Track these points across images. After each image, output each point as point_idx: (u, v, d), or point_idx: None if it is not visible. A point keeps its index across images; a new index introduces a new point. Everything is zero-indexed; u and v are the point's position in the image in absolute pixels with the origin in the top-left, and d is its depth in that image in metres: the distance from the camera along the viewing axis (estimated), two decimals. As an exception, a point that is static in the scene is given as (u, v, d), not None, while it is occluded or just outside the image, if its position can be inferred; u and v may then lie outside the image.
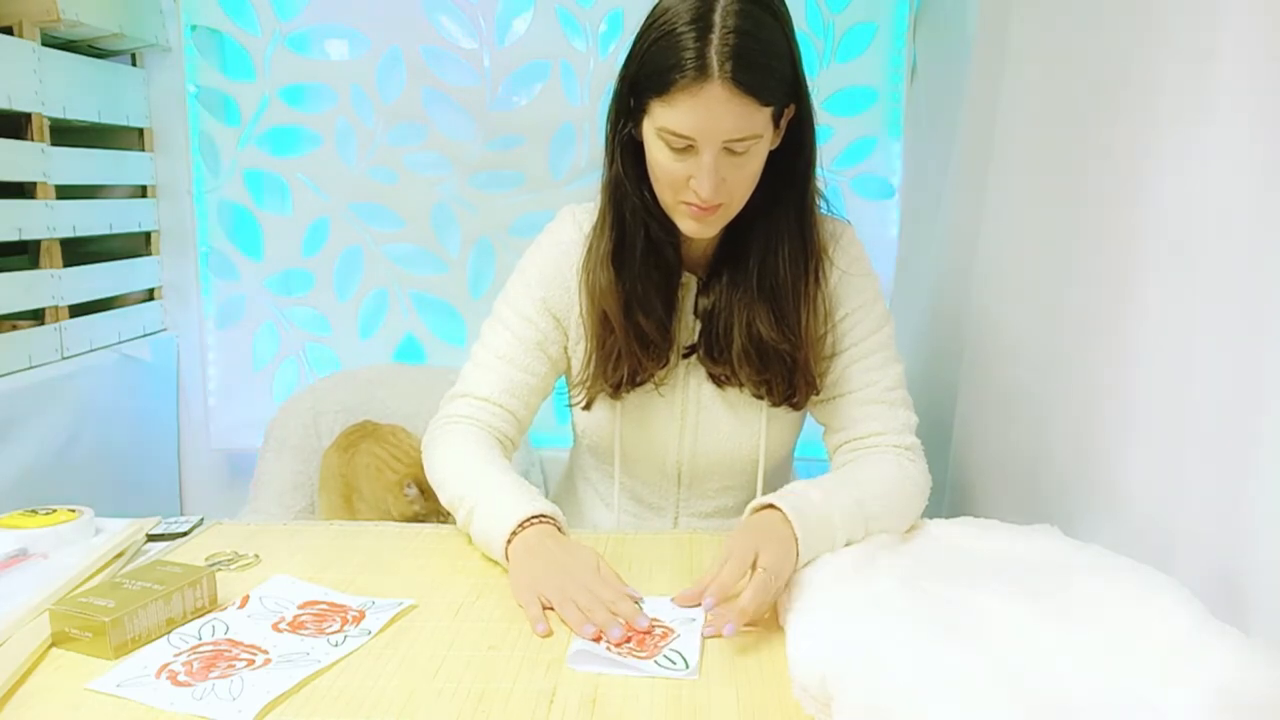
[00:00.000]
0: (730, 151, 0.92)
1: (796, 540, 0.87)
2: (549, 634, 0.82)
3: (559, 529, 0.95)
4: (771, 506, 0.90)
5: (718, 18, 0.88)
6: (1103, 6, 1.00)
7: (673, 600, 0.86)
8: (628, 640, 0.80)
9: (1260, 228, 0.74)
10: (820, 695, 0.68)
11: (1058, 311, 1.08)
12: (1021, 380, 1.17)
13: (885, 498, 0.96)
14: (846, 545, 0.92)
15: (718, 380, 1.08)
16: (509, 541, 0.92)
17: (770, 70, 0.90)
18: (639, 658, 0.77)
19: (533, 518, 0.93)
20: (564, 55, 1.84)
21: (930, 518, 1.02)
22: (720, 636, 0.80)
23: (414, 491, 1.36)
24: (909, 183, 1.84)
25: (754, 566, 0.83)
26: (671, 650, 0.78)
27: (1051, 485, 1.08)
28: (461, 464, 1.03)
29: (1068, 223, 1.06)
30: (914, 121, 1.82)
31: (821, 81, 1.84)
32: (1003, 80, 1.24)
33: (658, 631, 0.82)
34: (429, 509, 1.39)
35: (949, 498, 1.36)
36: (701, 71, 0.87)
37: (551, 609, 0.85)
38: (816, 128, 1.02)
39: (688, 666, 0.76)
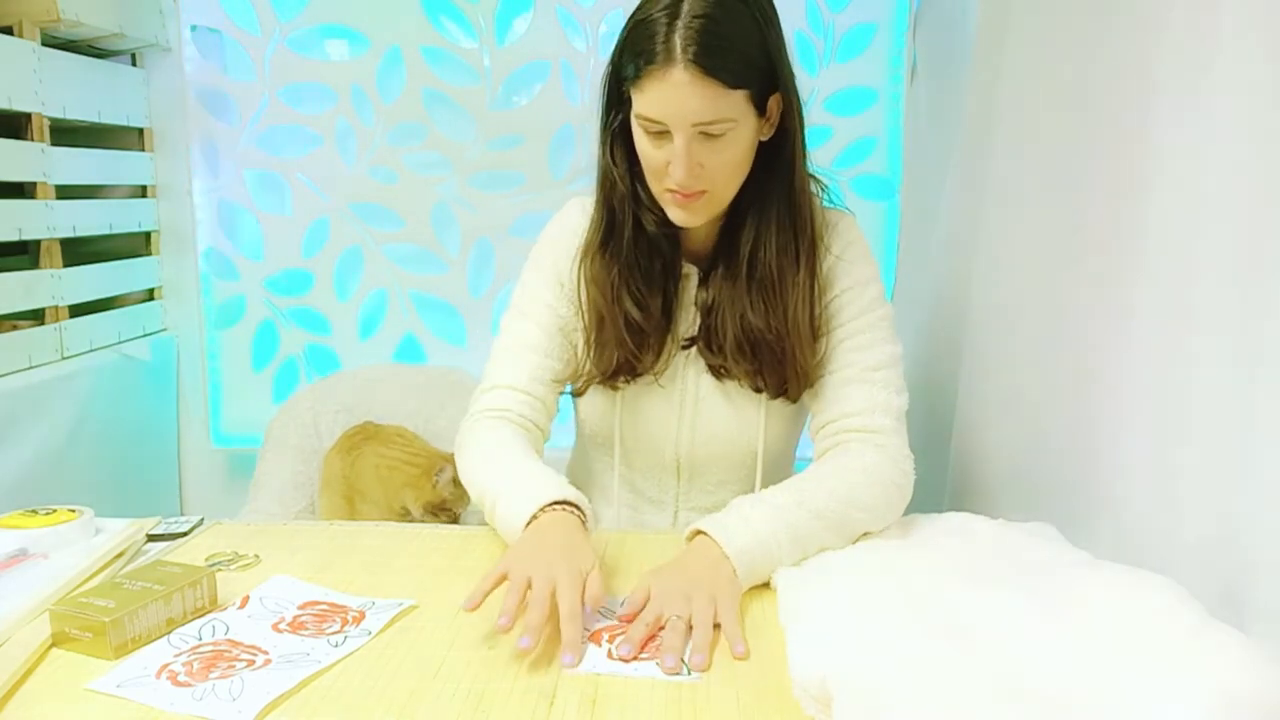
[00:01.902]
0: (705, 136, 0.93)
1: (729, 559, 0.86)
2: (473, 609, 0.79)
3: (581, 521, 0.93)
4: (700, 533, 0.90)
5: (686, 5, 0.91)
6: (1103, 6, 1.00)
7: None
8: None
9: (1260, 227, 0.74)
10: (820, 695, 0.68)
11: (1058, 311, 1.08)
12: (1021, 380, 1.17)
13: (835, 491, 0.94)
14: (804, 555, 0.91)
15: (716, 372, 1.08)
16: (528, 525, 0.91)
17: (735, 54, 0.91)
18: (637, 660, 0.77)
19: (556, 503, 0.92)
20: (564, 55, 1.85)
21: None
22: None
23: (448, 474, 1.34)
24: (909, 183, 1.84)
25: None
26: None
27: (1051, 485, 1.08)
28: (488, 457, 1.02)
29: (1068, 222, 1.06)
30: (914, 121, 1.82)
31: (821, 81, 1.84)
32: (1002, 80, 1.24)
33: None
34: (459, 494, 1.38)
35: (949, 498, 1.36)
36: (665, 57, 0.90)
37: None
38: (809, 125, 1.02)
39: (689, 673, 0.76)
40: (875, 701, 0.64)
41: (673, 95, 0.91)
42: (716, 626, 0.82)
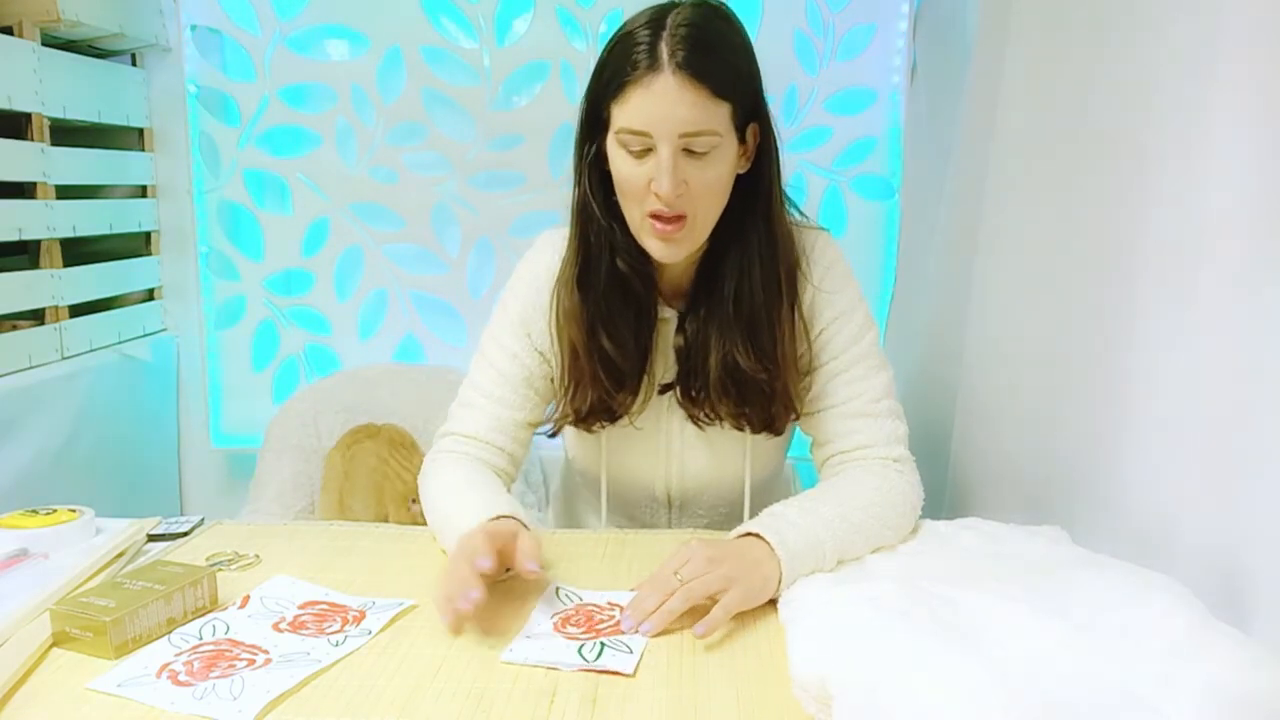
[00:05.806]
0: (689, 152, 0.90)
1: (780, 563, 0.86)
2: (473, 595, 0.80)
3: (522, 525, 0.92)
4: (753, 534, 0.89)
5: (670, 19, 0.89)
6: (1102, 7, 1.00)
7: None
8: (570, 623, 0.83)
9: (1260, 227, 0.74)
10: (820, 695, 0.68)
11: (1058, 311, 1.08)
12: (1022, 381, 1.17)
13: (869, 508, 0.94)
14: (839, 562, 0.90)
15: (696, 420, 1.06)
16: None
17: (722, 62, 0.90)
18: (580, 639, 0.79)
19: (494, 519, 0.91)
20: (564, 55, 1.85)
21: (931, 519, 1.02)
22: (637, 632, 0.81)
23: (418, 508, 1.36)
24: (909, 183, 1.84)
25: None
26: (617, 640, 0.80)
27: (1051, 485, 1.08)
28: (441, 489, 1.01)
29: (1067, 222, 1.06)
30: (914, 121, 1.82)
31: (821, 81, 1.84)
32: (1003, 80, 1.24)
33: (599, 619, 0.84)
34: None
35: (949, 499, 1.36)
36: (652, 64, 0.88)
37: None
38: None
39: (630, 651, 0.77)
40: (875, 701, 0.64)
41: (658, 103, 0.88)
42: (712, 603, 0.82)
